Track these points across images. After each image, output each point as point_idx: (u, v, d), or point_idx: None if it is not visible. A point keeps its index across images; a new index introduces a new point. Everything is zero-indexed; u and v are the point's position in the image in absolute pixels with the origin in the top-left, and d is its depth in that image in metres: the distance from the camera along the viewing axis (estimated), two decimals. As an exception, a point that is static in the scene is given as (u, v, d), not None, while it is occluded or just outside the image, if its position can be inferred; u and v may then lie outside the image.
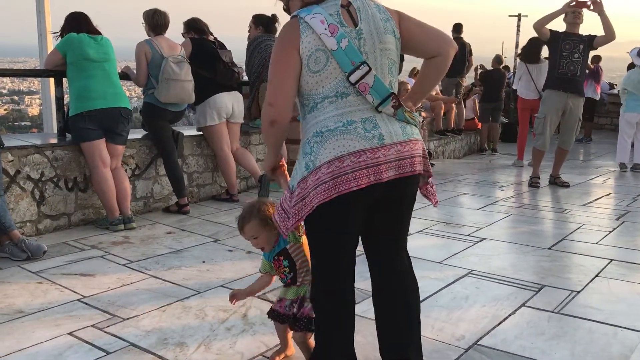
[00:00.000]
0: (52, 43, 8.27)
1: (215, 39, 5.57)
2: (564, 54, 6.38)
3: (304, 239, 2.36)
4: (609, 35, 6.25)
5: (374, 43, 2.07)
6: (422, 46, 2.20)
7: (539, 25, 6.42)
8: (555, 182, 6.88)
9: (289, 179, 2.26)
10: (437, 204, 2.33)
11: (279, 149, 2.26)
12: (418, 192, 2.26)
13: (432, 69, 2.22)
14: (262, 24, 5.96)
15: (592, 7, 6.18)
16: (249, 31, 6.06)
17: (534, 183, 6.78)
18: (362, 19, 2.08)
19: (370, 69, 2.04)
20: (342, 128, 2.03)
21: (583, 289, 3.44)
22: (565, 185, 6.79)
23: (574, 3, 6.26)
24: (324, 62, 2.03)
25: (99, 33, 4.55)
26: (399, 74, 2.13)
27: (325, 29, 2.01)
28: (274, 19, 5.98)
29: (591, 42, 6.37)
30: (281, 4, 2.35)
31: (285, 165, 2.37)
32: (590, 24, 6.98)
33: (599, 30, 6.38)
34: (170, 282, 3.46)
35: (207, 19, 5.58)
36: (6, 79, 41.34)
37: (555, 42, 6.44)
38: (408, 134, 2.11)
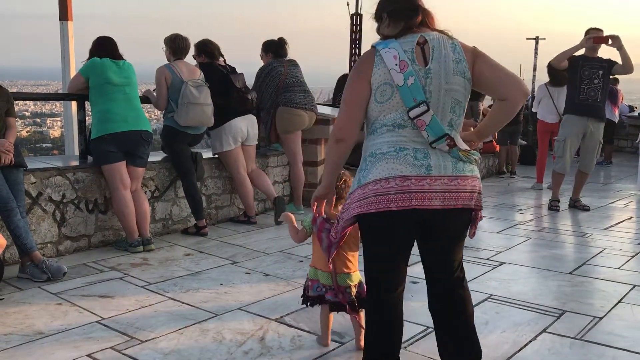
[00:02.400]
0: (74, 66, 8.45)
1: (225, 62, 5.60)
2: (584, 80, 6.33)
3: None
4: (628, 68, 6.18)
5: (440, 83, 2.20)
6: (492, 89, 2.35)
7: (557, 63, 6.41)
8: (576, 205, 6.80)
9: (332, 209, 2.60)
10: (472, 236, 2.44)
11: (337, 170, 2.42)
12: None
13: (500, 111, 2.34)
14: (271, 50, 6.03)
15: (610, 43, 6.15)
16: (261, 58, 6.13)
17: (553, 206, 6.71)
18: (434, 58, 2.20)
19: (428, 109, 2.16)
20: (393, 153, 2.20)
21: (605, 315, 3.38)
22: (586, 208, 6.71)
23: (592, 39, 6.23)
24: (389, 95, 2.20)
25: (121, 58, 4.64)
26: (463, 113, 2.33)
27: (396, 64, 2.17)
28: (281, 42, 6.04)
29: (611, 67, 6.33)
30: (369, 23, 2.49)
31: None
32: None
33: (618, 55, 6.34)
34: (188, 304, 3.46)
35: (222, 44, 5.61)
36: (29, 102, 42.16)
37: (574, 68, 6.38)
38: (459, 170, 2.22)
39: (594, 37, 6.24)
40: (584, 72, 6.32)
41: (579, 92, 6.39)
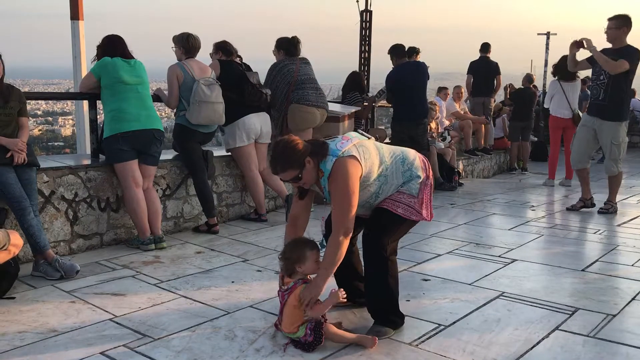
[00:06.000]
0: (86, 65, 8.50)
1: (241, 61, 5.63)
2: (593, 77, 6.21)
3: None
4: (608, 70, 5.92)
5: None
6: None
7: (572, 69, 6.56)
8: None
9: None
10: None
11: None
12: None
13: None
14: (284, 47, 6.04)
15: (585, 46, 6.04)
16: (274, 54, 6.14)
17: (573, 207, 6.48)
18: None
19: None
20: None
21: (619, 312, 3.35)
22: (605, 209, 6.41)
23: (575, 44, 6.16)
24: None
25: (132, 57, 4.65)
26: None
27: None
28: (294, 41, 6.03)
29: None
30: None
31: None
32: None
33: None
34: (200, 302, 3.48)
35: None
36: (41, 101, 42.50)
37: (592, 65, 6.24)
38: None
39: (576, 41, 6.13)
40: (595, 69, 6.15)
41: (590, 90, 6.33)
